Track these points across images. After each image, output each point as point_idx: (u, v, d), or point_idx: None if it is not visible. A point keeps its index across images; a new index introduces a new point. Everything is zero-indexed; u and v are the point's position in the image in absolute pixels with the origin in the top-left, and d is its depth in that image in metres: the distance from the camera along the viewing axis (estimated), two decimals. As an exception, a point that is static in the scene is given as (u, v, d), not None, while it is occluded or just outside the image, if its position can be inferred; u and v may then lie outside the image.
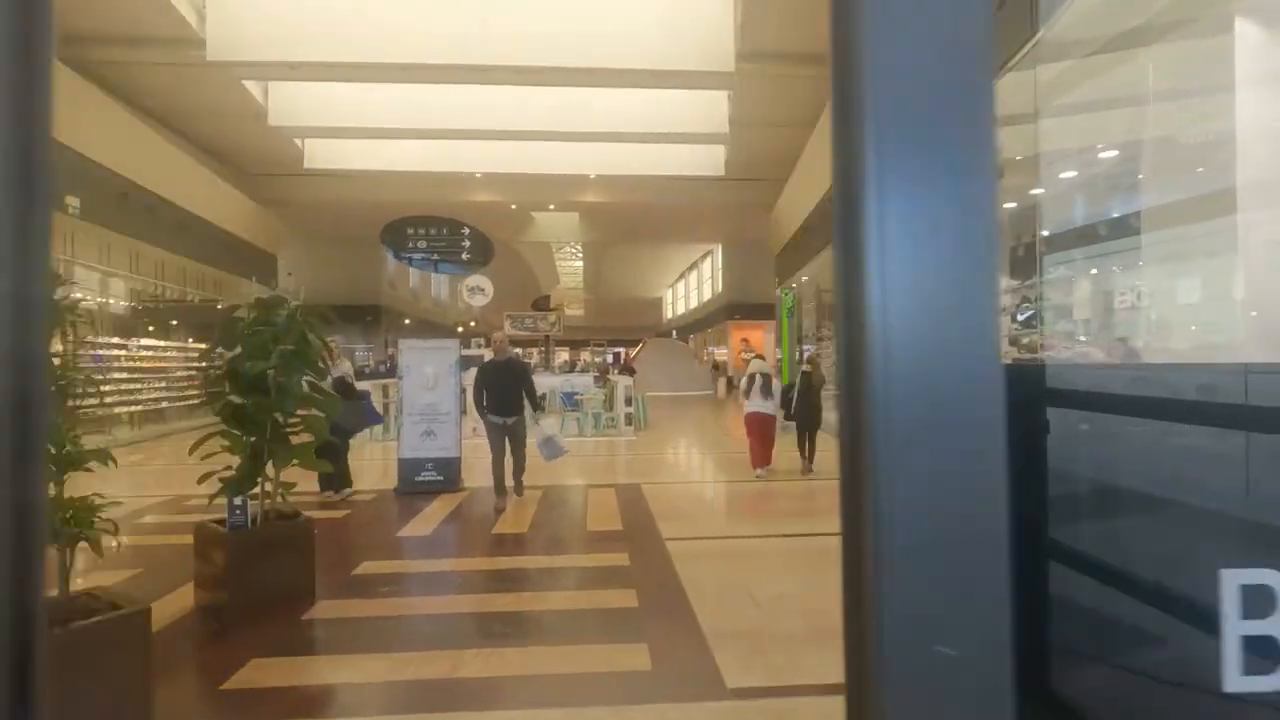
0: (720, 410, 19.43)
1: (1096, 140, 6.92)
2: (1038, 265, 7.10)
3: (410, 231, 8.47)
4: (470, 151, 17.99)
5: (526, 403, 6.76)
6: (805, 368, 9.79)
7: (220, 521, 4.10)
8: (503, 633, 3.78)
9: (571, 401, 15.56)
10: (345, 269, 29.16)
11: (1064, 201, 6.65)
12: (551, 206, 22.20)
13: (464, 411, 7.99)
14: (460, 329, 39.78)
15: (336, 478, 6.96)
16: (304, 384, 4.30)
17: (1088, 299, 7.11)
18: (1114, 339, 6.41)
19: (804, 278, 18.60)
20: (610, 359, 46.84)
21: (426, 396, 7.69)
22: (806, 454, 8.90)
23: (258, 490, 4.21)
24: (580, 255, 40.84)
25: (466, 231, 8.52)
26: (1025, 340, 7.58)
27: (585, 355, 51.70)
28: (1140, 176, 5.67)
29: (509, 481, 6.81)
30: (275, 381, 4.13)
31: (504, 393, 6.65)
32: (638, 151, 17.73)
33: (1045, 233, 6.98)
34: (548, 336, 22.77)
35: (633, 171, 18.44)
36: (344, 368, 7.28)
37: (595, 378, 18.85)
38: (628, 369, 20.92)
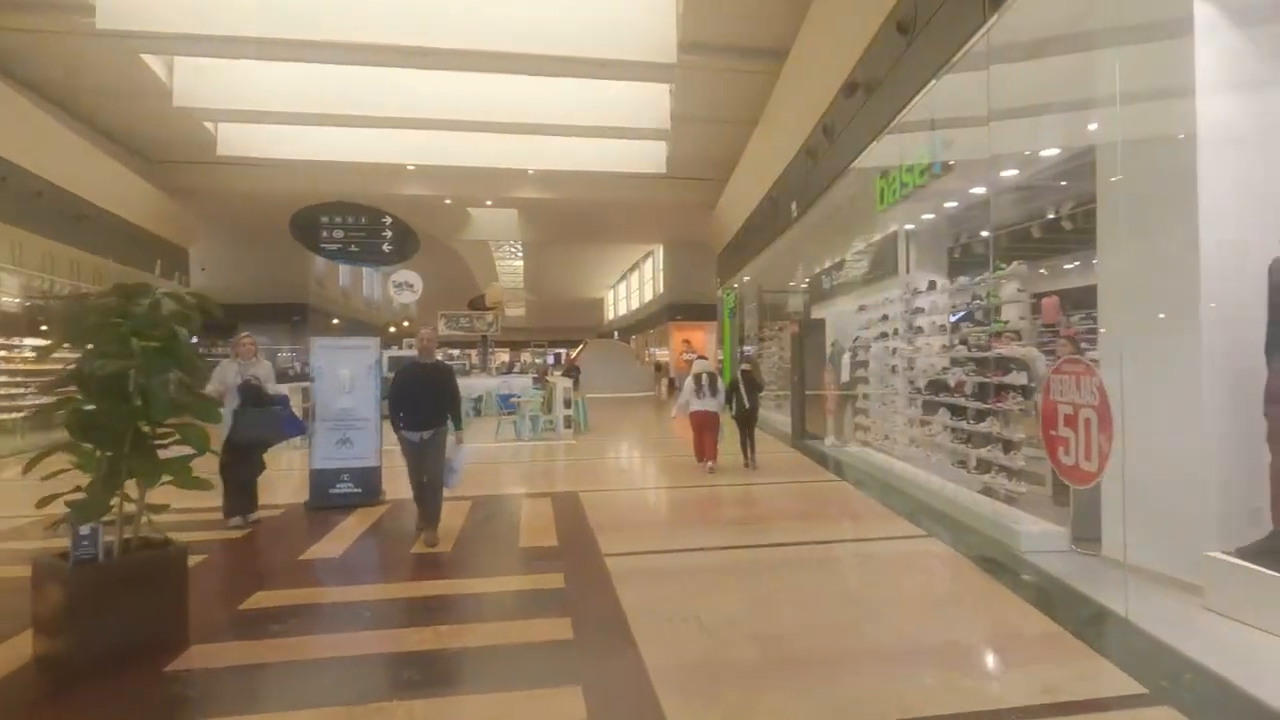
0: (663, 411, 19.04)
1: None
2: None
3: (324, 220, 7.67)
4: (402, 142, 17.06)
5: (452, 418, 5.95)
6: (745, 368, 10.02)
7: (65, 554, 3.37)
8: (413, 680, 3.19)
9: (508, 404, 14.87)
10: (269, 265, 27.48)
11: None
12: (489, 202, 21.39)
13: (385, 416, 7.25)
14: (393, 329, 38.31)
15: (246, 500, 6.13)
16: (174, 386, 3.58)
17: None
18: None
19: (745, 278, 18.41)
20: (551, 360, 46.07)
21: (342, 400, 6.94)
22: (748, 451, 9.21)
23: (116, 515, 3.49)
24: (520, 254, 39.90)
25: (388, 221, 7.78)
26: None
27: (526, 356, 50.79)
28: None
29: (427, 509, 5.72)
30: (137, 384, 3.42)
31: (425, 402, 5.52)
32: (578, 146, 17.17)
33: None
34: (484, 337, 21.91)
35: (573, 167, 17.87)
36: (260, 369, 6.28)
37: (534, 379, 18.18)
38: (571, 370, 20.30)
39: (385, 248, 7.81)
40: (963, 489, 6.60)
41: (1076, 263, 10.61)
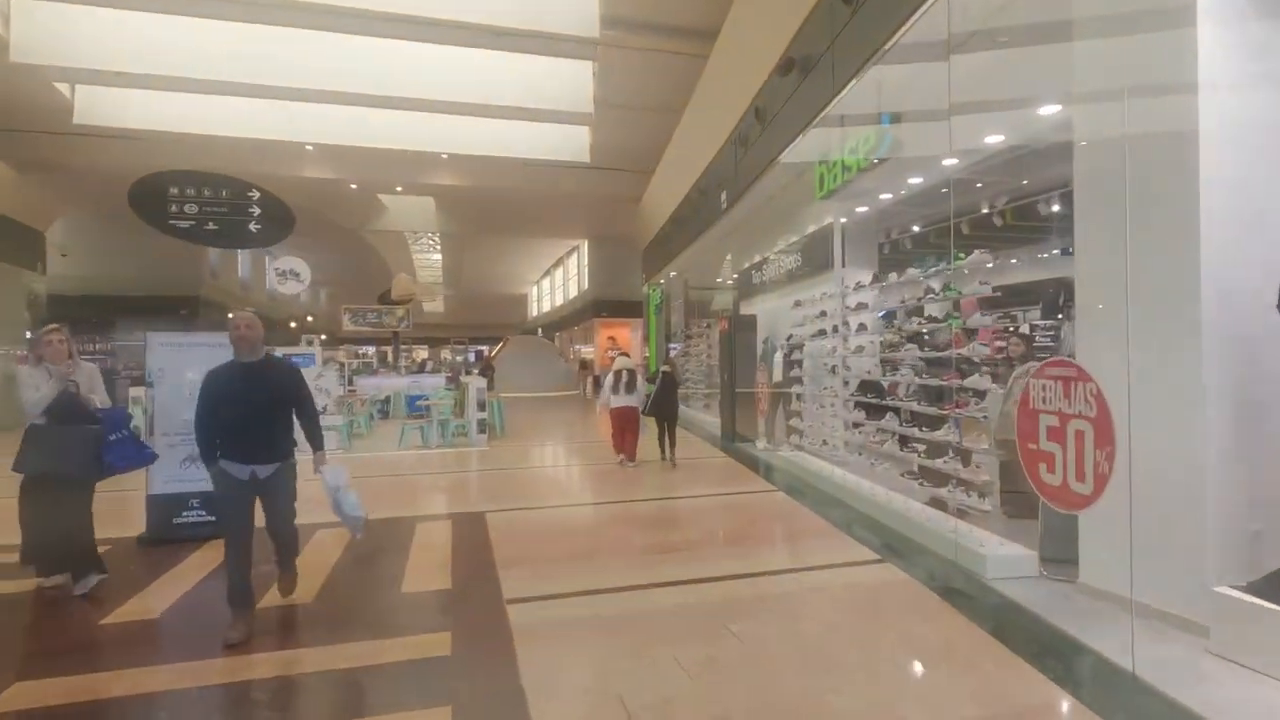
0: (588, 411, 18.04)
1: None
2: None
3: (173, 191, 6.28)
4: (299, 117, 15.32)
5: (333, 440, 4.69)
6: (664, 368, 9.96)
7: None
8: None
9: (417, 407, 13.56)
10: (153, 253, 24.64)
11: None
12: (399, 189, 19.75)
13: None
14: (294, 324, 35.64)
15: (71, 556, 4.38)
16: None
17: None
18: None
19: (672, 273, 17.68)
20: (472, 357, 44.19)
21: (189, 410, 5.63)
22: (667, 447, 9.25)
23: None
24: (439, 248, 37.93)
25: (255, 196, 6.45)
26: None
27: (446, 354, 48.63)
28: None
29: (275, 568, 4.13)
30: None
31: (256, 420, 3.76)
32: (496, 130, 15.91)
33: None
34: (396, 333, 20.28)
35: (491, 152, 16.59)
36: (81, 374, 4.52)
37: (447, 379, 16.83)
38: (486, 369, 19.00)
39: (252, 226, 6.47)
40: (912, 502, 5.98)
41: (1014, 261, 10.41)
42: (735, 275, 14.81)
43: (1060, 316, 7.67)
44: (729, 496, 7.47)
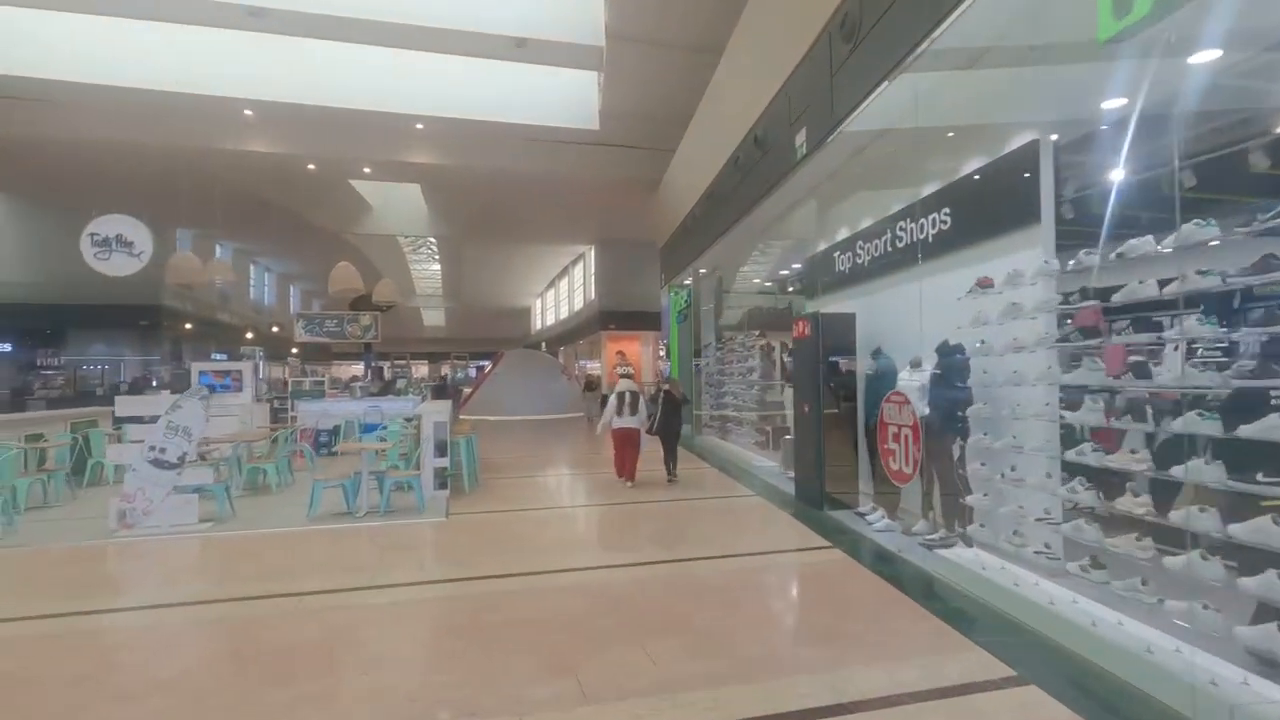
0: (594, 444, 13.91)
1: None
2: None
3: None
4: (232, 69, 11.48)
5: None
6: (665, 387, 9.30)
7: None
8: None
9: (377, 437, 9.47)
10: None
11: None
12: (367, 170, 15.80)
13: None
14: (276, 328, 31.69)
15: None
16: None
17: None
18: None
19: (702, 271, 13.63)
20: (473, 372, 40.16)
21: None
22: (670, 466, 8.80)
23: None
24: (437, 256, 34.10)
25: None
26: None
27: (446, 369, 44.67)
28: None
29: None
30: None
31: None
32: (483, 83, 12.03)
33: None
34: (368, 346, 16.24)
35: (478, 115, 12.69)
36: None
37: (419, 399, 12.78)
38: (443, 389, 14.97)
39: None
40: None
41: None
42: (799, 265, 10.85)
43: None
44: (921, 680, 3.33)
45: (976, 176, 5.52)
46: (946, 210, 5.85)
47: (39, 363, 24.90)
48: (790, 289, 12.98)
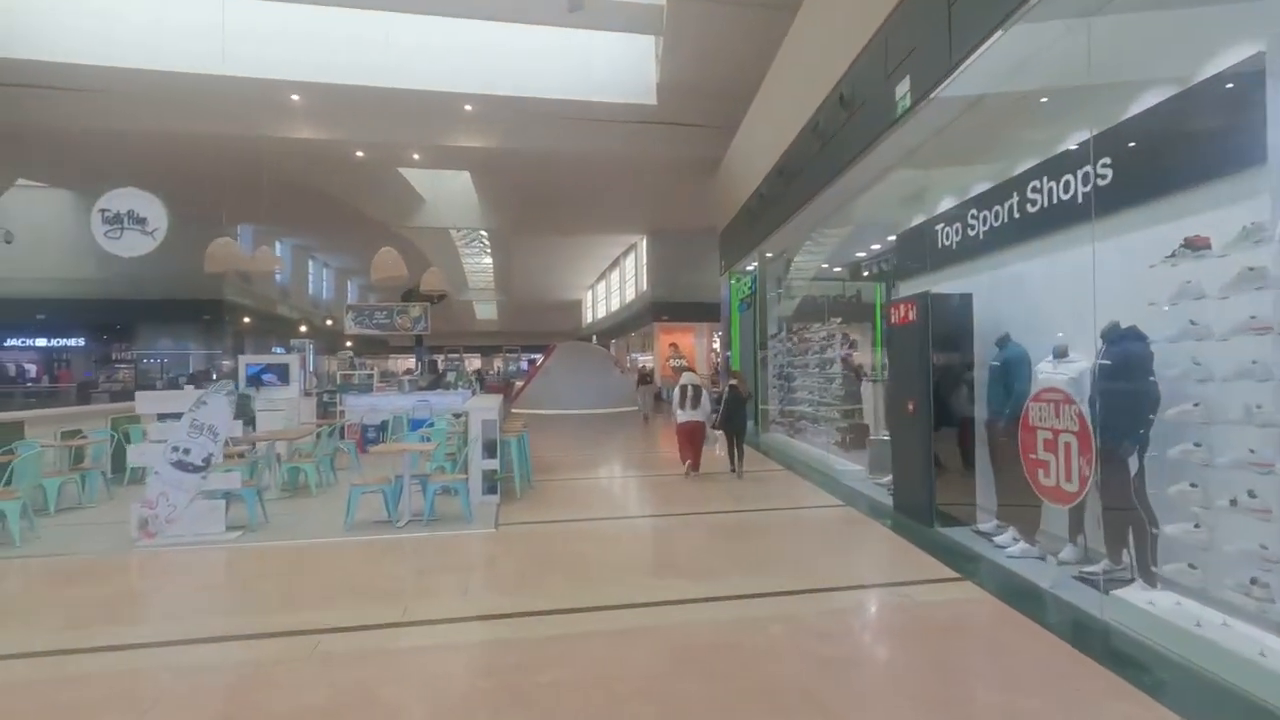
0: (651, 441, 12.99)
1: None
2: None
3: None
4: (277, 50, 10.99)
5: None
6: (732, 382, 8.83)
7: None
8: None
9: (423, 438, 8.77)
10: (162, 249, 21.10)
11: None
12: (416, 156, 15.21)
13: None
14: (330, 321, 31.93)
15: None
16: None
17: None
18: None
19: (768, 254, 12.50)
20: (524, 365, 39.80)
21: None
22: (735, 460, 8.43)
23: None
24: (488, 249, 33.79)
25: None
26: None
27: (498, 363, 44.56)
28: None
29: None
30: None
31: None
32: (533, 54, 11.20)
33: None
34: (419, 338, 15.73)
35: (527, 92, 11.88)
36: None
37: (470, 393, 12.10)
38: (504, 385, 14.28)
39: None
40: None
41: None
42: (872, 248, 9.69)
43: None
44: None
45: (1155, 113, 4.30)
46: (1105, 161, 4.63)
47: (114, 357, 25.63)
48: (866, 274, 11.74)
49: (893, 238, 7.96)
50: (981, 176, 6.35)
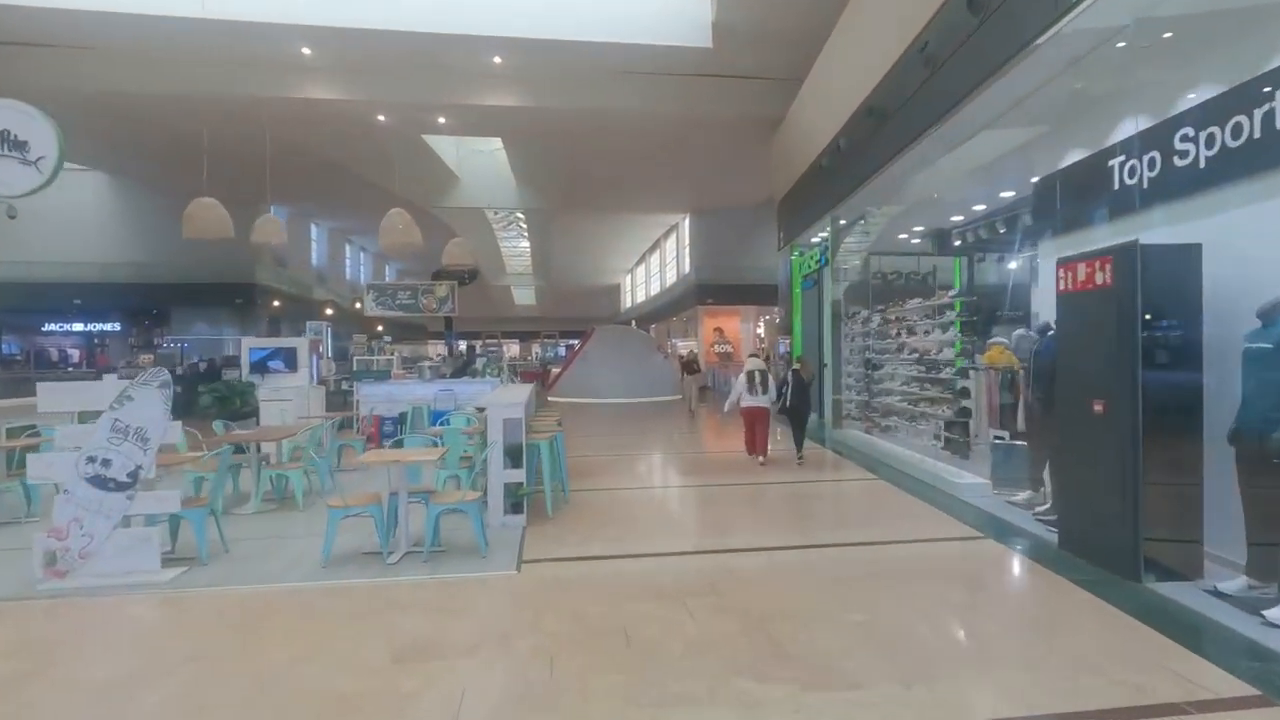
0: (701, 435, 11.29)
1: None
2: None
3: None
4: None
5: None
6: (795, 366, 8.60)
7: None
8: None
9: (428, 440, 7.25)
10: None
11: None
12: (442, 119, 13.65)
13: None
14: (359, 304, 31.01)
15: None
16: None
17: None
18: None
19: (842, 221, 10.60)
20: (562, 350, 38.42)
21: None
22: (798, 444, 8.26)
23: None
24: (526, 233, 32.37)
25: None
26: None
27: (536, 349, 43.31)
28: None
29: None
30: None
31: None
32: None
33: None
34: (449, 320, 14.32)
35: (565, 35, 10.18)
36: None
37: (500, 382, 10.60)
38: (541, 372, 12.78)
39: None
40: None
41: None
42: (975, 208, 7.83)
43: None
44: None
45: None
46: None
47: (155, 342, 25.08)
48: (959, 241, 9.79)
49: (1034, 180, 6.04)
50: (1199, 80, 4.43)
